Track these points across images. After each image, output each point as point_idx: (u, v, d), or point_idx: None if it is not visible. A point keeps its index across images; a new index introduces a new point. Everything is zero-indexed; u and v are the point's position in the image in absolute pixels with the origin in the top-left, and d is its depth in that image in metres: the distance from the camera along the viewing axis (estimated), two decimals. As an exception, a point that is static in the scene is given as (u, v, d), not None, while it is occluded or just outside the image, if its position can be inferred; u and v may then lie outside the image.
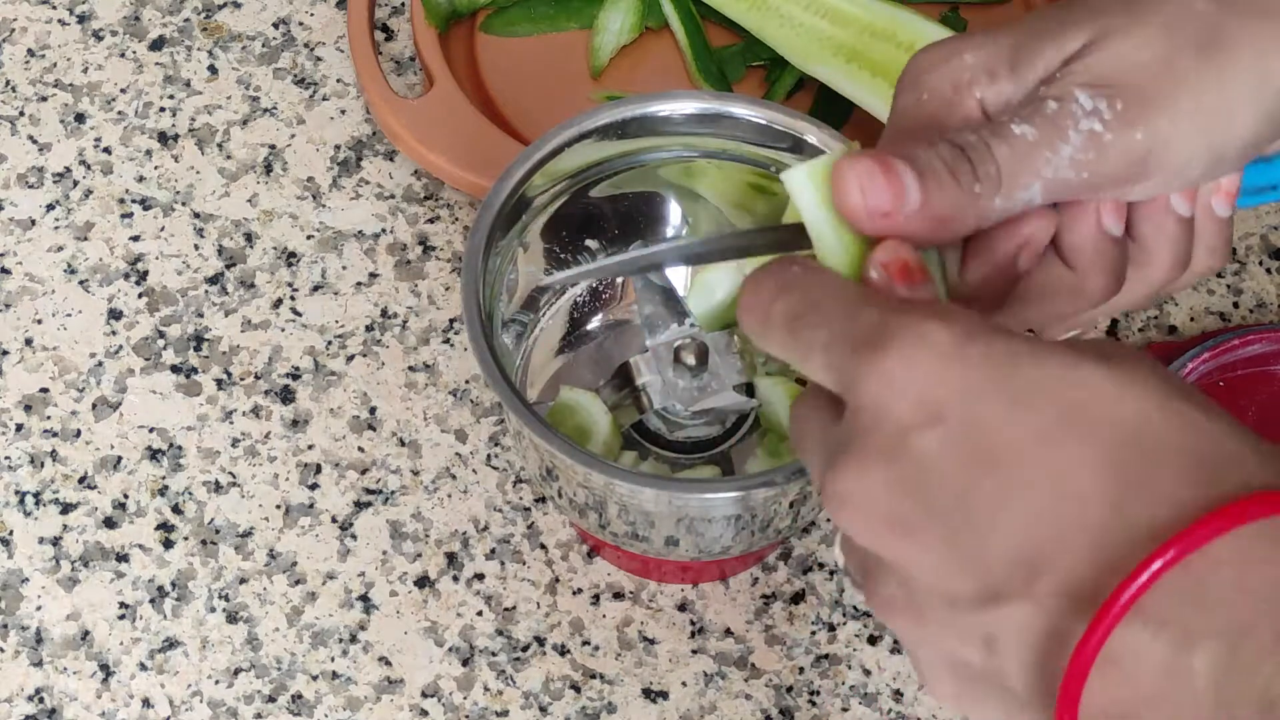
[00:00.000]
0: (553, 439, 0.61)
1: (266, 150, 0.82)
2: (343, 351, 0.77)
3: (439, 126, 0.79)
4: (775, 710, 0.71)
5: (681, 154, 0.69)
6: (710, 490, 0.62)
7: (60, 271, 0.79)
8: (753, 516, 0.63)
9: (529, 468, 0.68)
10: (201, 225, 0.80)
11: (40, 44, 0.85)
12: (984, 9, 0.85)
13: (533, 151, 0.67)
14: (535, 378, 0.72)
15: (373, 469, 0.75)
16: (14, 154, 0.82)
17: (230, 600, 0.72)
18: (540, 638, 0.72)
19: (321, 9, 0.86)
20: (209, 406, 0.76)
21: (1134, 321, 0.79)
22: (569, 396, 0.70)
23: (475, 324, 0.63)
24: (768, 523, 0.64)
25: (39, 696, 0.70)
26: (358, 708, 0.70)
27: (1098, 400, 0.43)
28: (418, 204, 0.81)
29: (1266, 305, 0.80)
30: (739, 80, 0.83)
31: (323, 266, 0.79)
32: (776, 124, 0.67)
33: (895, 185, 0.49)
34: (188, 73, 0.84)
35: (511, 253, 0.68)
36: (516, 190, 0.66)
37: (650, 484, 0.61)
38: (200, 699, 0.70)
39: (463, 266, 0.64)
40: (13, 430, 0.75)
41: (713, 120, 0.68)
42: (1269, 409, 0.76)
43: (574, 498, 0.65)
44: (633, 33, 0.83)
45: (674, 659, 0.72)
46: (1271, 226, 0.82)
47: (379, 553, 0.73)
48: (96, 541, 0.73)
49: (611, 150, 0.68)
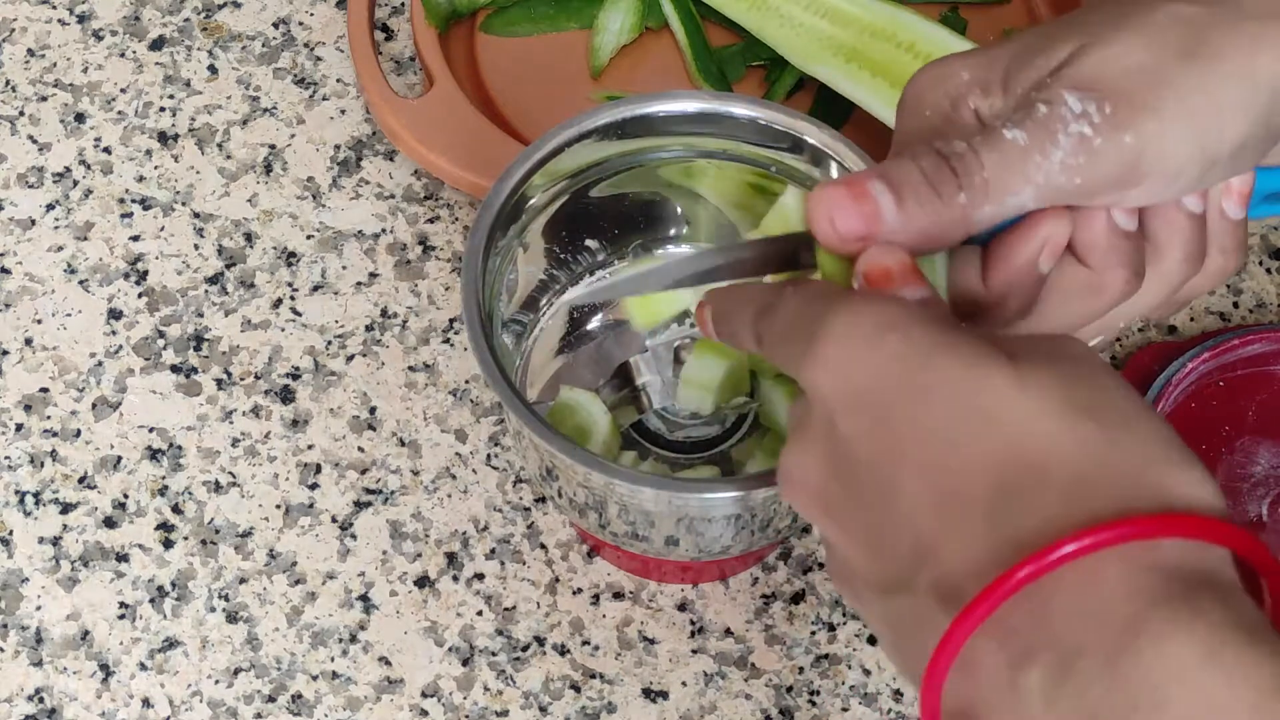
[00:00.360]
0: (553, 439, 0.61)
1: (266, 150, 0.82)
2: (343, 351, 0.77)
3: (439, 126, 0.79)
4: (775, 710, 0.71)
5: (681, 154, 0.69)
6: (710, 490, 0.62)
7: (60, 271, 0.79)
8: (753, 516, 0.63)
9: (529, 468, 0.68)
10: (201, 225, 0.80)
11: (40, 44, 0.85)
12: (984, 9, 0.85)
13: (532, 151, 0.66)
14: (535, 378, 0.72)
15: (373, 469, 0.75)
16: (14, 154, 0.82)
17: (230, 600, 0.72)
18: (540, 638, 0.72)
19: (321, 9, 0.86)
20: (209, 406, 0.76)
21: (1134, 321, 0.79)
22: (569, 396, 0.70)
23: (475, 324, 0.63)
24: (767, 522, 0.64)
25: (39, 696, 0.70)
26: (358, 708, 0.70)
27: (995, 404, 0.44)
28: (418, 204, 0.81)
29: (1266, 305, 0.80)
30: (739, 80, 0.83)
31: (323, 266, 0.79)
32: (776, 124, 0.67)
33: (868, 208, 0.50)
34: (188, 73, 0.84)
35: (511, 253, 0.68)
36: (516, 190, 0.66)
37: (650, 484, 0.61)
38: (200, 699, 0.70)
39: (463, 267, 0.64)
40: (13, 430, 0.75)
41: (712, 120, 0.68)
42: (1269, 409, 0.76)
43: (574, 498, 0.65)
44: (633, 33, 0.83)
45: (674, 659, 0.72)
46: (1271, 226, 0.82)
47: (379, 553, 0.73)
48: (96, 541, 0.73)
49: (611, 150, 0.68)
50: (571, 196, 0.69)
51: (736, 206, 0.71)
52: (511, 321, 0.70)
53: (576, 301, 0.72)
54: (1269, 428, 0.75)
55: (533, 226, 0.69)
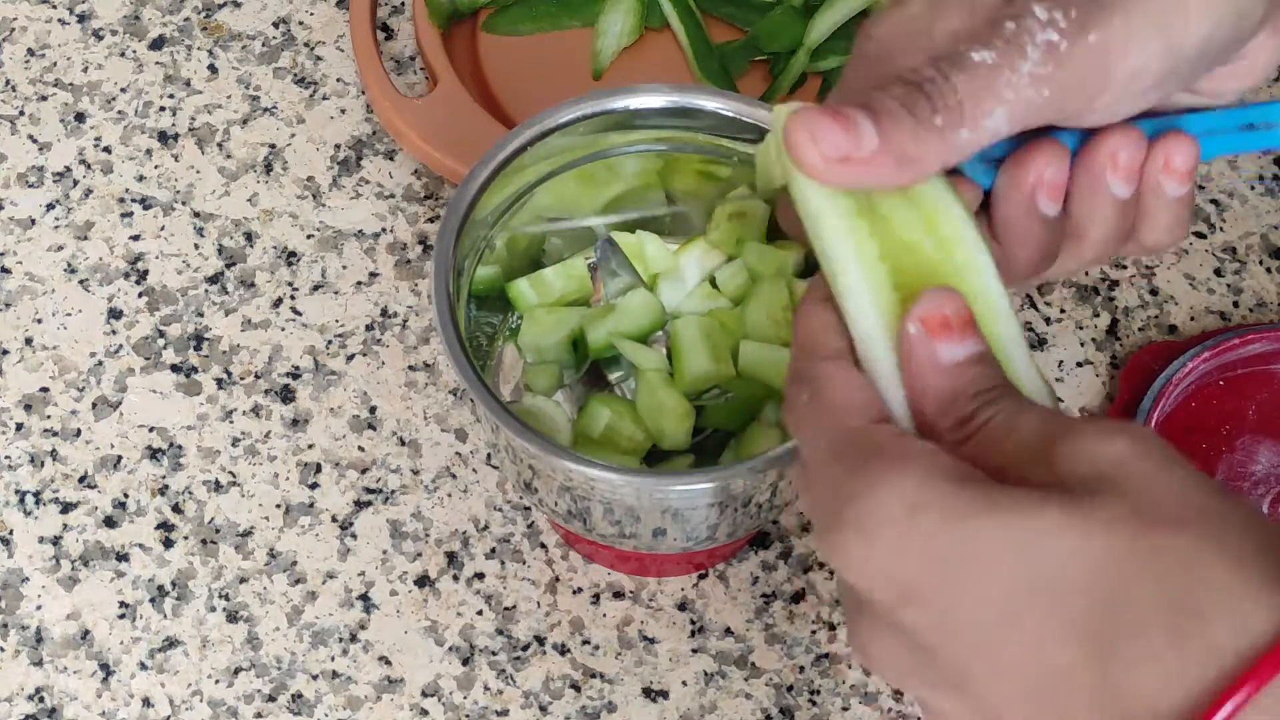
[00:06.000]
0: (534, 439, 0.60)
1: (266, 150, 0.82)
2: (343, 351, 0.78)
3: (444, 125, 0.79)
4: (775, 709, 0.71)
5: (650, 148, 0.69)
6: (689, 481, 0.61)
7: (60, 271, 0.79)
8: (733, 497, 0.63)
9: (512, 478, 0.68)
10: (201, 225, 0.80)
11: (40, 43, 0.85)
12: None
13: (495, 152, 0.66)
14: (507, 376, 0.71)
15: (373, 468, 0.75)
16: (14, 153, 0.82)
17: (230, 600, 0.72)
18: (540, 637, 0.72)
19: (321, 8, 0.86)
20: (209, 406, 0.76)
21: (1134, 320, 0.79)
22: (531, 403, 0.69)
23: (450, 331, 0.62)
24: (748, 499, 0.64)
25: (39, 696, 0.70)
26: (358, 707, 0.70)
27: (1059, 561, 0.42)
28: (418, 203, 0.81)
29: (1266, 305, 0.80)
30: (742, 75, 0.83)
31: (323, 266, 0.79)
32: (744, 115, 0.67)
33: (848, 128, 0.48)
34: (188, 72, 0.84)
35: (479, 253, 0.68)
36: (481, 191, 0.66)
37: (625, 475, 0.60)
38: (200, 698, 0.70)
39: (433, 272, 0.64)
40: (13, 430, 0.75)
41: (682, 114, 0.67)
42: (1269, 408, 0.76)
43: (555, 506, 0.65)
44: (633, 34, 0.83)
45: (674, 658, 0.72)
46: (1272, 226, 0.82)
47: (379, 552, 0.73)
48: (96, 541, 0.73)
49: (579, 145, 0.68)
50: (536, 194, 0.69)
51: (688, 194, 0.71)
52: (483, 323, 0.70)
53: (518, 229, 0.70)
54: (1269, 427, 0.75)
55: (499, 225, 0.69)
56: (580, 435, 0.68)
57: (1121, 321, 0.79)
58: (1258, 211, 0.82)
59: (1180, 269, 0.81)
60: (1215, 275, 0.80)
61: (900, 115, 0.49)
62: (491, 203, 0.67)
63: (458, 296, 0.65)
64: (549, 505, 0.65)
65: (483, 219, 0.67)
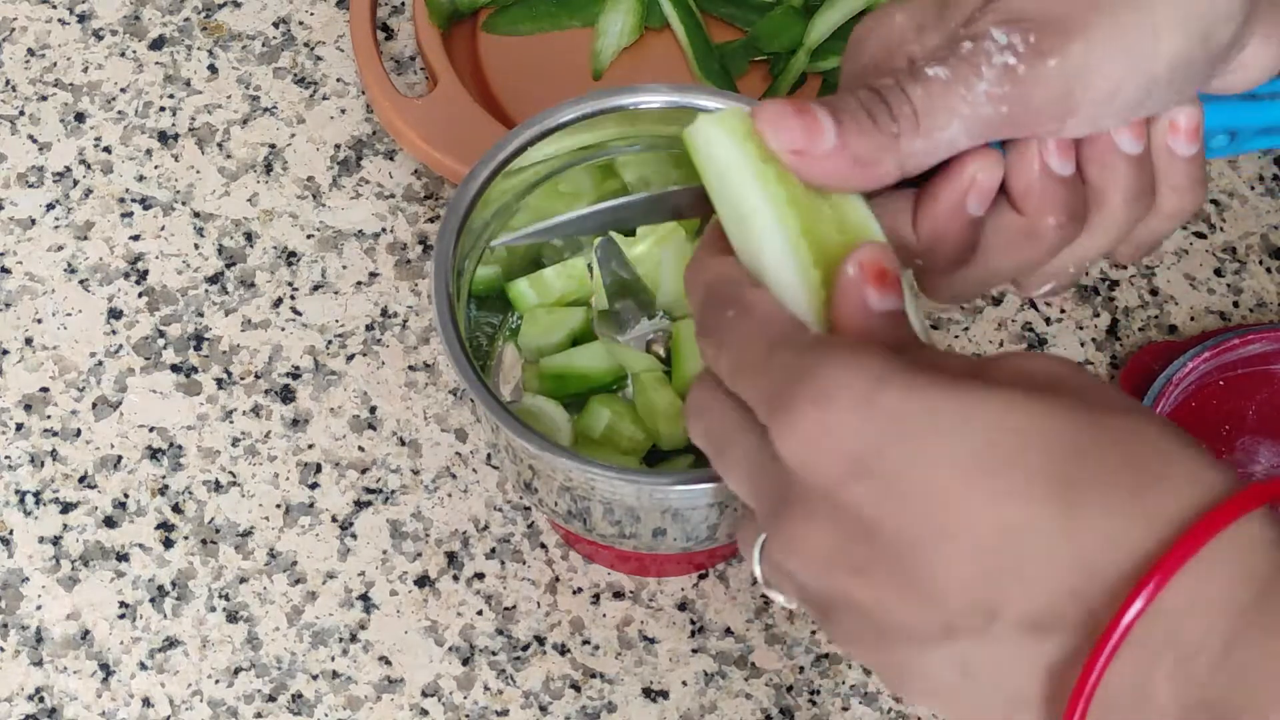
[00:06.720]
0: (533, 439, 0.61)
1: (266, 150, 0.82)
2: (343, 351, 0.78)
3: (444, 125, 0.79)
4: (775, 709, 0.71)
5: (650, 148, 0.69)
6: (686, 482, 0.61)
7: (60, 271, 0.79)
8: (734, 497, 0.63)
9: (511, 477, 0.68)
10: (201, 225, 0.80)
11: (40, 43, 0.85)
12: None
13: (495, 152, 0.66)
14: (507, 376, 0.71)
15: (373, 468, 0.75)
16: (14, 153, 0.82)
17: (230, 600, 0.72)
18: (540, 637, 0.72)
19: (321, 8, 0.86)
20: (209, 406, 0.76)
21: (1134, 320, 0.79)
22: (531, 403, 0.69)
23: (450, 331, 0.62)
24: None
25: (39, 696, 0.70)
26: (358, 707, 0.70)
27: (1022, 426, 0.43)
28: (418, 203, 0.81)
29: (1266, 305, 0.80)
30: (742, 75, 0.83)
31: (323, 266, 0.79)
32: None
33: (810, 124, 0.49)
34: (188, 72, 0.84)
35: (479, 253, 0.68)
36: (481, 192, 0.66)
37: (625, 475, 0.60)
38: (200, 698, 0.70)
39: (433, 272, 0.64)
40: (13, 430, 0.75)
41: (682, 114, 0.67)
42: (1269, 409, 0.76)
43: (556, 506, 0.65)
44: (633, 35, 0.83)
45: (674, 658, 0.72)
46: (1272, 226, 0.82)
47: (379, 552, 0.73)
48: (96, 541, 0.73)
49: (574, 146, 0.68)
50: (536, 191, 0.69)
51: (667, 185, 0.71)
52: (483, 323, 0.70)
53: (504, 243, 0.71)
54: (1269, 427, 0.75)
55: (496, 225, 0.69)
56: (580, 435, 0.68)
57: (1121, 321, 0.79)
58: (1258, 211, 0.82)
59: (1180, 269, 0.81)
60: (1215, 275, 0.80)
61: (860, 118, 0.50)
62: (492, 203, 0.67)
63: (458, 296, 0.65)
64: (549, 505, 0.65)
65: (483, 219, 0.67)
